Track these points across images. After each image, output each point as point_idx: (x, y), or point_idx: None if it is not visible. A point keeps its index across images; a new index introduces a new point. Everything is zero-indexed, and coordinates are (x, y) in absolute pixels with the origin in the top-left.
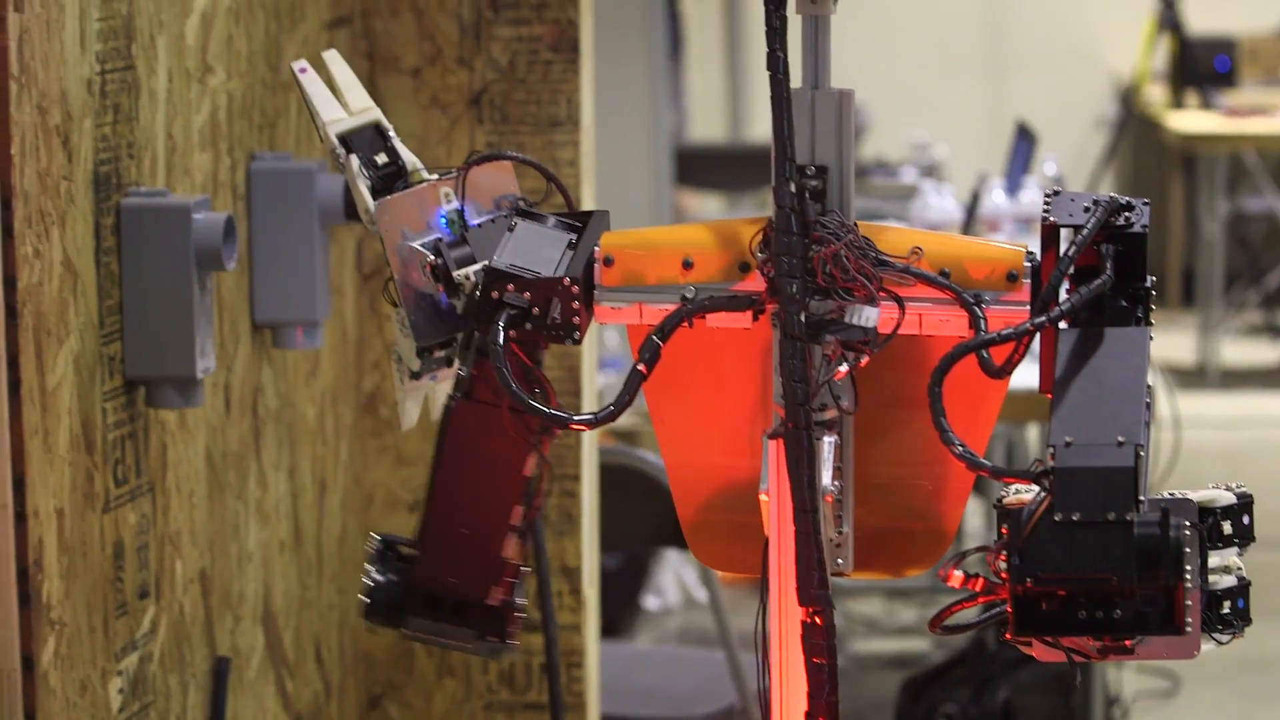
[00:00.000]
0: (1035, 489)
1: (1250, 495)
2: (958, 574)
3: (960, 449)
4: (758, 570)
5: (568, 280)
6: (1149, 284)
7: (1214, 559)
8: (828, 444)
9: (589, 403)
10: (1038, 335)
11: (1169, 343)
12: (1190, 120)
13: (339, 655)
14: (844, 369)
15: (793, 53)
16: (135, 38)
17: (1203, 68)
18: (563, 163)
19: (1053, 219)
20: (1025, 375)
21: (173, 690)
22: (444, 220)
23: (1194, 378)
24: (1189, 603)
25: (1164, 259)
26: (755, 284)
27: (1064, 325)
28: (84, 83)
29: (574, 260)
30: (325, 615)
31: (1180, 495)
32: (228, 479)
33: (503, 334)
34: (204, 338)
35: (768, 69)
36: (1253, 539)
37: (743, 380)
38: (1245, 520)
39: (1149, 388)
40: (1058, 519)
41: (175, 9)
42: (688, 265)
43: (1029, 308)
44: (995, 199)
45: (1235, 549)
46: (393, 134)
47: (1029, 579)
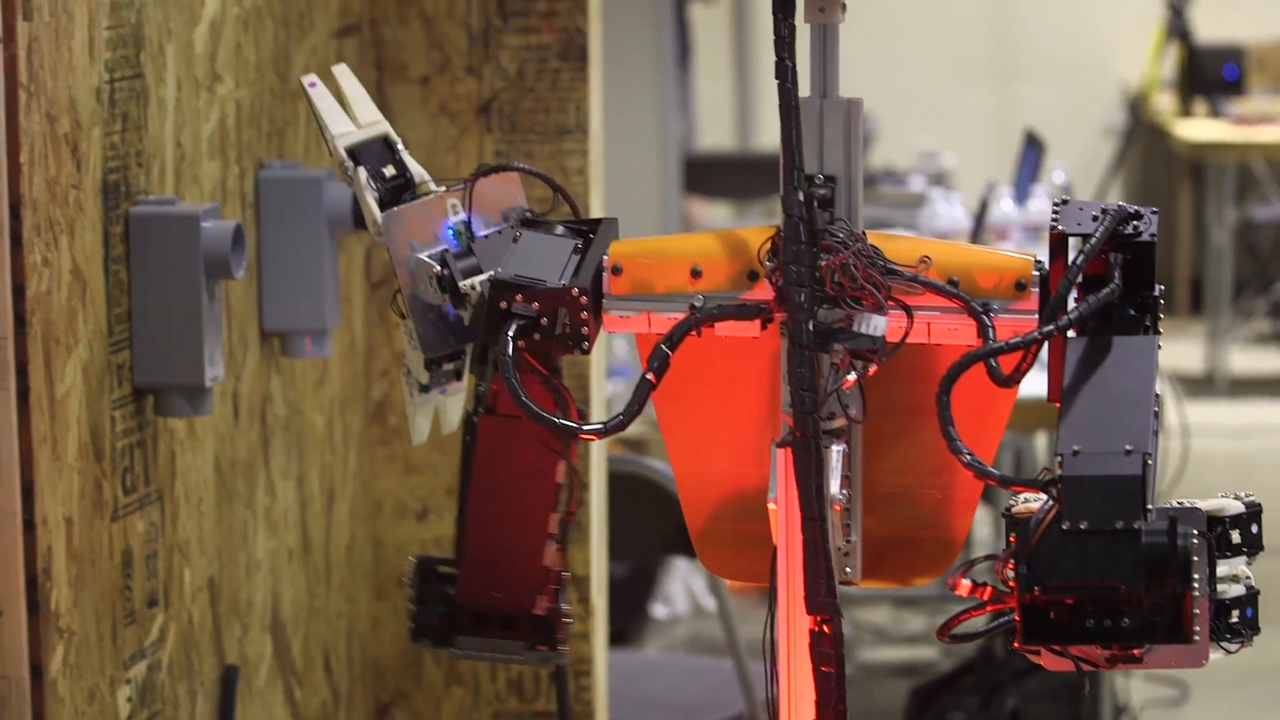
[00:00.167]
0: (1043, 498)
1: (1259, 504)
2: (966, 582)
3: (968, 457)
4: (766, 579)
5: (576, 290)
6: (1157, 293)
7: (1223, 568)
8: (836, 453)
9: (598, 412)
10: (1046, 344)
11: (1177, 351)
12: (1198, 129)
13: (347, 663)
14: (852, 377)
15: (801, 61)
16: (144, 46)
17: (1211, 76)
18: (571, 171)
19: (1061, 228)
20: (1033, 384)
21: (181, 699)
22: (451, 232)
23: (1202, 386)
24: (1197, 611)
25: (1172, 267)
26: (764, 293)
27: (1072, 334)
28: (93, 91)
29: (582, 269)
30: (333, 623)
31: (1189, 504)
32: (236, 487)
33: (511, 344)
34: (213, 346)
35: (776, 78)
36: (1261, 548)
37: (751, 389)
38: (1254, 529)
39: (1157, 396)
40: (1066, 528)
41: (184, 18)
42: (696, 274)
43: (1037, 316)
44: (1003, 207)
45: (1244, 558)
46: (401, 146)
47: (1037, 587)
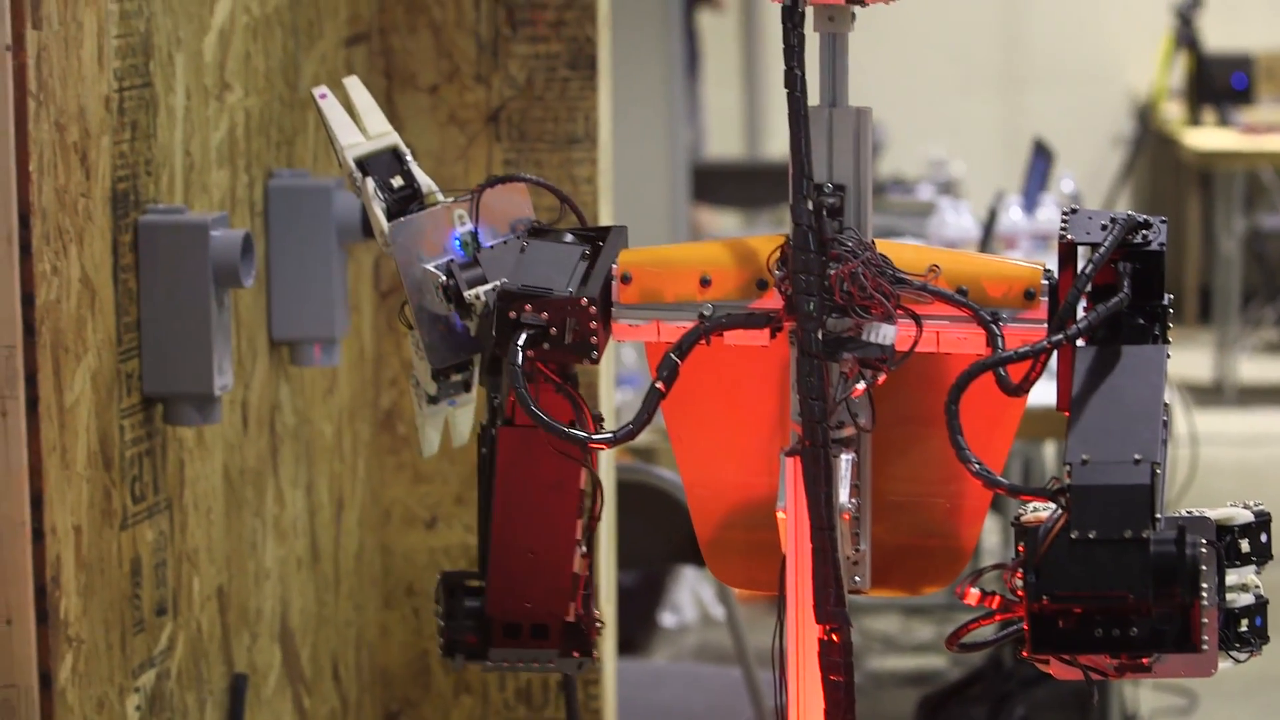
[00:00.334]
0: (1052, 507)
1: (1268, 513)
2: (975, 591)
3: (977, 466)
4: (775, 588)
5: (585, 299)
6: (1166, 302)
7: (1232, 577)
8: (845, 461)
9: (607, 421)
10: (1055, 353)
11: (1185, 360)
12: (1207, 137)
13: (356, 672)
14: (861, 386)
15: (810, 70)
16: (153, 55)
17: (1220, 85)
18: (580, 180)
19: (1070, 237)
20: (1042, 393)
21: (190, 707)
22: (458, 242)
23: (1211, 395)
24: (1206, 620)
25: (1181, 276)
26: (773, 302)
27: (1081, 343)
28: (102, 100)
29: (591, 278)
30: (342, 632)
31: (1197, 513)
32: (245, 496)
33: (520, 354)
34: (221, 355)
35: (785, 87)
36: (1270, 557)
37: (760, 398)
38: (1263, 538)
39: (1166, 406)
40: (1074, 537)
41: (193, 26)
42: (705, 283)
43: (1046, 325)
44: (1012, 216)
45: (1253, 567)
46: (410, 158)
47: (1046, 596)
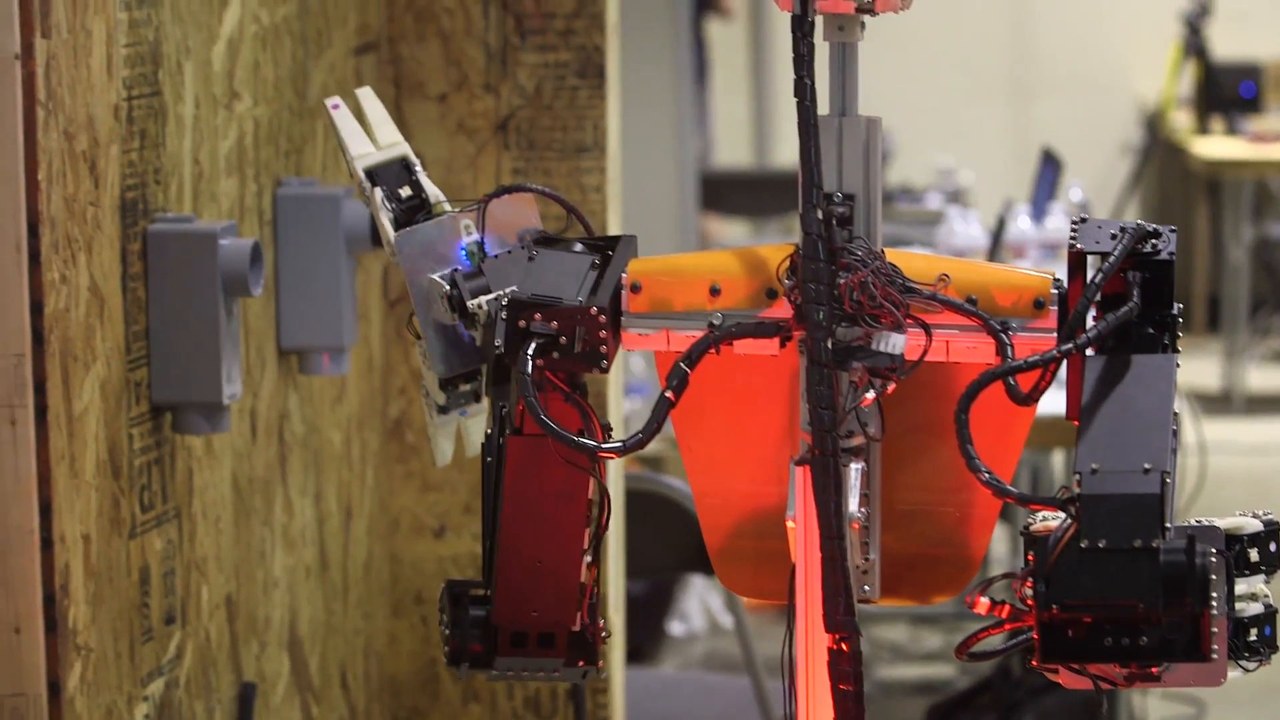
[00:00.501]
0: (1062, 516)
1: (1277, 522)
2: (984, 600)
3: (987, 475)
4: (784, 596)
5: (594, 308)
6: (1176, 311)
7: (1241, 586)
8: (854, 470)
9: (616, 430)
10: (1064, 362)
11: (1194, 369)
12: (1215, 146)
13: (364, 681)
14: (871, 395)
15: (820, 79)
16: (162, 64)
17: (1228, 94)
18: (589, 189)
19: (1080, 246)
20: (1052, 402)
21: (198, 716)
22: (464, 252)
23: (1219, 404)
24: (1215, 630)
25: (1189, 285)
26: (782, 311)
27: (1091, 352)
28: (111, 109)
29: (601, 287)
30: (351, 641)
31: (1207, 522)
32: (254, 504)
33: (530, 363)
34: (230, 363)
35: (795, 96)
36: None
37: (770, 407)
38: (1272, 547)
39: (1175, 415)
40: (1084, 546)
41: (202, 35)
42: (715, 292)
43: (1056, 335)
44: (1021, 225)
45: (1262, 576)
46: (419, 168)
47: (1055, 606)
